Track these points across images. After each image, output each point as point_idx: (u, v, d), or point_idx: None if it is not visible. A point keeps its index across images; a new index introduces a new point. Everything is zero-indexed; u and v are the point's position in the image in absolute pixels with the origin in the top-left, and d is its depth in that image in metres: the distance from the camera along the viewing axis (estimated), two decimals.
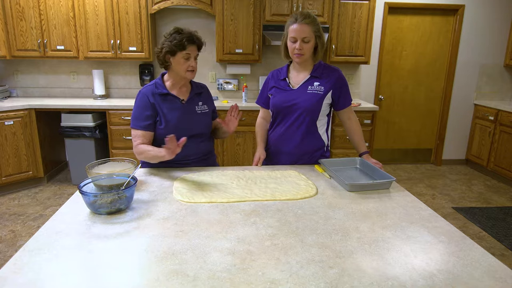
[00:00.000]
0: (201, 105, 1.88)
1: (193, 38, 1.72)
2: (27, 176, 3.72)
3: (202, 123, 1.86)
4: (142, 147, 1.72)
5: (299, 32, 1.72)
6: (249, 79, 4.41)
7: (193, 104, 1.85)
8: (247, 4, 3.83)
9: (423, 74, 4.71)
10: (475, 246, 1.11)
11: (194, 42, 1.72)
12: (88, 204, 1.27)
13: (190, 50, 1.71)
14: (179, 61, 1.72)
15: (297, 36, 1.72)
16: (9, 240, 2.79)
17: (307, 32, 1.71)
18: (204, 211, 1.32)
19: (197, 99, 1.88)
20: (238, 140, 3.89)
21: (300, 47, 1.74)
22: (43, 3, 3.68)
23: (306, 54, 1.77)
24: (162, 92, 1.78)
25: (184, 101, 1.82)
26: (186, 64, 1.72)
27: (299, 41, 1.73)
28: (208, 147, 1.92)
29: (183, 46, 1.69)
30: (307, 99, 1.81)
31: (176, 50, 1.70)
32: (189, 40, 1.69)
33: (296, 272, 0.95)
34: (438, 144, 4.93)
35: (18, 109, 3.57)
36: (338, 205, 1.40)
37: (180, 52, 1.70)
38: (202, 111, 1.86)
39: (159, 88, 1.79)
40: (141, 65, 4.19)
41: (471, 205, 3.64)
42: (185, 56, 1.71)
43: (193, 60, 1.74)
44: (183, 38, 1.68)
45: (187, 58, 1.72)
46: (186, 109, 1.81)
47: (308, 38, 1.72)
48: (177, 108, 1.79)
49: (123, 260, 1.00)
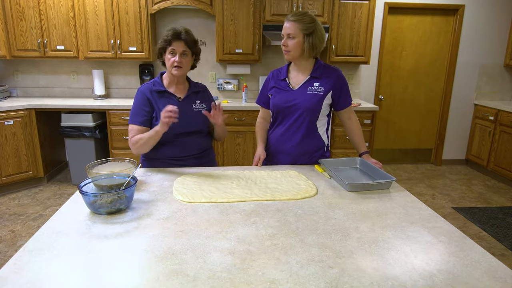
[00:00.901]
0: (199, 104, 1.90)
1: (179, 34, 1.74)
2: (27, 176, 3.72)
3: (198, 121, 1.87)
4: (136, 137, 1.77)
5: (285, 28, 1.77)
6: (249, 79, 4.41)
7: (190, 102, 1.88)
8: (247, 4, 3.83)
9: (423, 74, 4.71)
10: (475, 246, 1.11)
11: (179, 37, 1.74)
12: (88, 204, 1.27)
13: (175, 46, 1.74)
14: (167, 57, 1.78)
15: (283, 32, 1.78)
16: (9, 240, 2.79)
17: (292, 29, 1.74)
18: (204, 211, 1.32)
19: (195, 97, 1.91)
20: (238, 140, 3.89)
21: (284, 44, 1.78)
22: (43, 3, 3.68)
23: (292, 51, 1.78)
24: (159, 90, 1.82)
25: (180, 98, 1.85)
26: (171, 60, 1.76)
27: (285, 38, 1.77)
28: (205, 144, 1.95)
29: (168, 41, 1.74)
30: (307, 100, 1.81)
31: (165, 46, 1.76)
32: (174, 36, 1.73)
33: (296, 272, 0.95)
34: (438, 144, 4.93)
35: (18, 109, 3.57)
36: (338, 205, 1.40)
37: (167, 48, 1.76)
38: (199, 109, 1.89)
39: (157, 85, 1.84)
40: (141, 65, 4.19)
41: (471, 205, 3.64)
42: (171, 51, 1.75)
43: (178, 56, 1.75)
44: (169, 34, 1.74)
45: (172, 53, 1.76)
46: (183, 106, 1.82)
47: (292, 34, 1.75)
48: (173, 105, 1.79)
49: (123, 260, 1.00)
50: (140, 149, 1.78)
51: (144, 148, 1.76)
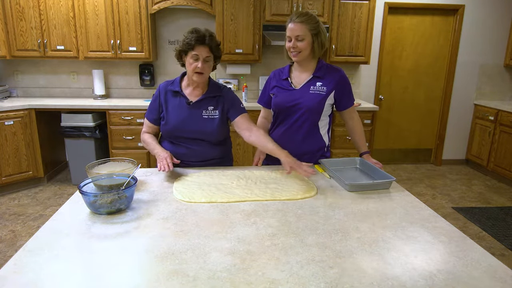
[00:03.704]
0: (211, 110, 1.79)
1: (204, 39, 1.67)
2: (27, 176, 3.72)
3: (204, 128, 1.78)
4: (146, 137, 1.86)
5: (292, 30, 1.73)
6: (249, 79, 4.41)
7: (201, 107, 1.78)
8: (247, 4, 3.83)
9: (423, 74, 4.71)
10: (475, 246, 1.11)
11: (204, 43, 1.67)
12: (88, 204, 1.27)
13: (198, 51, 1.67)
14: (188, 61, 1.71)
15: (291, 35, 1.74)
16: (9, 240, 2.79)
17: (300, 30, 1.72)
18: (204, 211, 1.32)
19: (208, 102, 1.79)
20: (238, 140, 3.89)
21: (293, 46, 1.75)
22: (43, 3, 3.68)
23: (302, 52, 1.76)
24: (174, 90, 1.80)
25: (191, 102, 1.79)
26: (193, 65, 1.69)
27: (293, 40, 1.74)
28: (213, 153, 1.85)
29: (191, 46, 1.67)
30: (309, 99, 1.81)
31: (186, 50, 1.70)
32: (198, 41, 1.66)
33: (296, 272, 0.95)
34: (438, 144, 4.93)
35: (18, 109, 3.57)
36: (338, 205, 1.39)
37: (190, 52, 1.69)
38: (209, 116, 1.79)
39: (175, 85, 1.82)
40: (141, 65, 4.19)
41: (471, 205, 3.64)
42: (193, 56, 1.69)
43: (201, 62, 1.68)
44: (193, 37, 1.66)
45: (196, 59, 1.69)
46: (191, 111, 1.78)
47: (301, 36, 1.73)
48: (182, 108, 1.78)
49: (123, 260, 1.00)
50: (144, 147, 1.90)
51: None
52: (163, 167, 1.58)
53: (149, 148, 1.82)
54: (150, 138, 1.83)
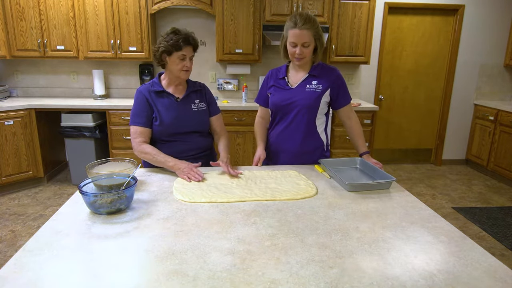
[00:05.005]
0: (198, 103, 1.90)
1: (189, 39, 1.76)
2: (27, 176, 3.72)
3: (198, 121, 1.88)
4: (146, 148, 1.76)
5: (299, 37, 1.72)
6: (249, 79, 4.41)
7: (189, 102, 1.88)
8: (247, 4, 3.83)
9: (423, 74, 4.71)
10: (475, 246, 1.11)
11: (189, 43, 1.76)
12: (88, 204, 1.27)
13: (185, 51, 1.76)
14: (175, 61, 1.76)
15: (297, 41, 1.73)
16: (9, 240, 2.79)
17: (307, 37, 1.71)
18: (204, 211, 1.32)
19: (194, 96, 1.90)
20: (238, 140, 3.89)
21: (300, 52, 1.74)
22: (43, 3, 3.68)
23: (306, 57, 1.79)
24: (158, 90, 1.83)
25: (179, 99, 1.86)
26: (181, 64, 1.77)
27: (299, 46, 1.74)
28: (206, 144, 1.94)
29: (179, 46, 1.73)
30: (305, 97, 1.82)
31: (172, 50, 1.74)
32: (185, 41, 1.74)
33: (296, 272, 0.95)
34: (438, 144, 4.93)
35: (18, 109, 3.57)
36: (338, 205, 1.40)
37: (176, 53, 1.75)
38: (198, 108, 1.89)
39: (155, 86, 1.84)
40: (141, 65, 4.19)
41: (471, 205, 3.64)
42: (180, 56, 1.76)
43: (188, 61, 1.78)
44: (180, 39, 1.72)
45: (183, 59, 1.77)
46: (181, 106, 1.84)
47: (308, 43, 1.73)
48: (172, 105, 1.83)
49: (123, 260, 1.00)
50: (144, 159, 1.82)
51: (148, 161, 1.79)
52: (195, 178, 1.60)
53: (156, 160, 1.72)
54: (154, 149, 1.74)
